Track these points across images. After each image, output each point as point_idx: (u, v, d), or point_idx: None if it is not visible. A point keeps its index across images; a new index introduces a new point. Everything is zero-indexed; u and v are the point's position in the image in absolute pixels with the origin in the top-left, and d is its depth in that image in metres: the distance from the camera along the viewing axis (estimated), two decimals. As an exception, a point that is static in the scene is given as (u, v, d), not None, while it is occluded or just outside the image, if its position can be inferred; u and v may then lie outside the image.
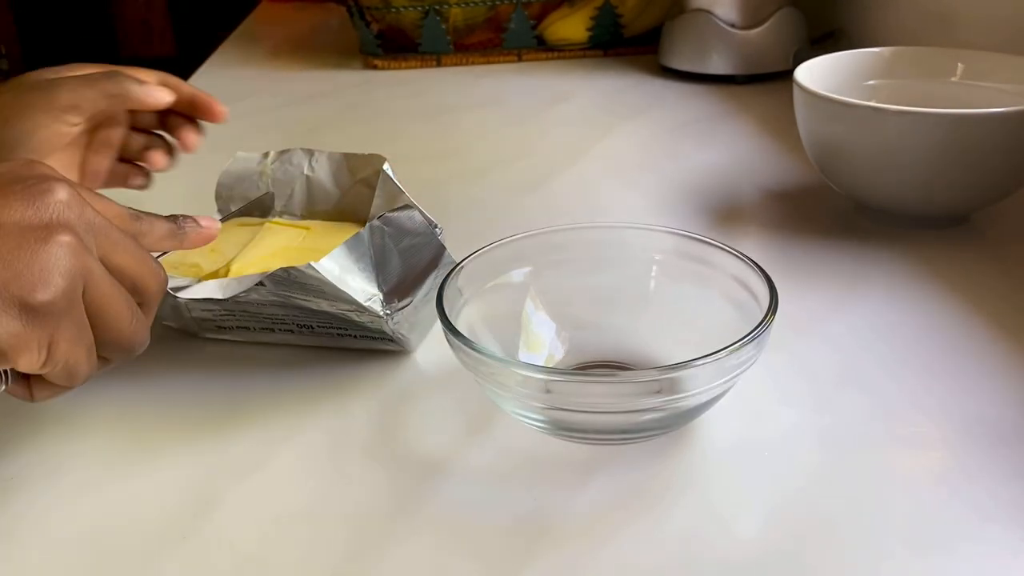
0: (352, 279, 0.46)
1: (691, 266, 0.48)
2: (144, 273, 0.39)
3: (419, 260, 0.48)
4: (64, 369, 0.36)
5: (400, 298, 0.48)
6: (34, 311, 0.34)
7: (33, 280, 0.34)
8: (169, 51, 3.78)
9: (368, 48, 1.17)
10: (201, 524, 0.40)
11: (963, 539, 0.37)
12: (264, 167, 0.61)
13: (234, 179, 0.61)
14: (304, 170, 0.60)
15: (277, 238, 0.56)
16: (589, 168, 0.79)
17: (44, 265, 0.34)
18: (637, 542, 0.38)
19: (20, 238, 0.34)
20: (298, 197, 0.60)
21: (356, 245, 0.46)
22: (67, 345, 0.35)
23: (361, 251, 0.46)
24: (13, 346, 0.34)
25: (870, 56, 0.70)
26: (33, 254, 0.34)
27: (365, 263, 0.47)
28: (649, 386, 0.39)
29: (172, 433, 0.46)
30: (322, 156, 0.60)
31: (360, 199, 0.59)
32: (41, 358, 0.35)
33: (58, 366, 0.36)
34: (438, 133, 0.91)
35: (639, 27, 1.15)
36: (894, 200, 0.62)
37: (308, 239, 0.56)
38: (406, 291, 0.48)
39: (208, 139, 0.64)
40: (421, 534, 0.39)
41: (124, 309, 0.38)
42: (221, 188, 0.61)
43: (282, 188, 0.60)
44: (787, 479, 0.41)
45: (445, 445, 0.44)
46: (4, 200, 0.35)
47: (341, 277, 0.45)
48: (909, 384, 0.47)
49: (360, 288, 0.46)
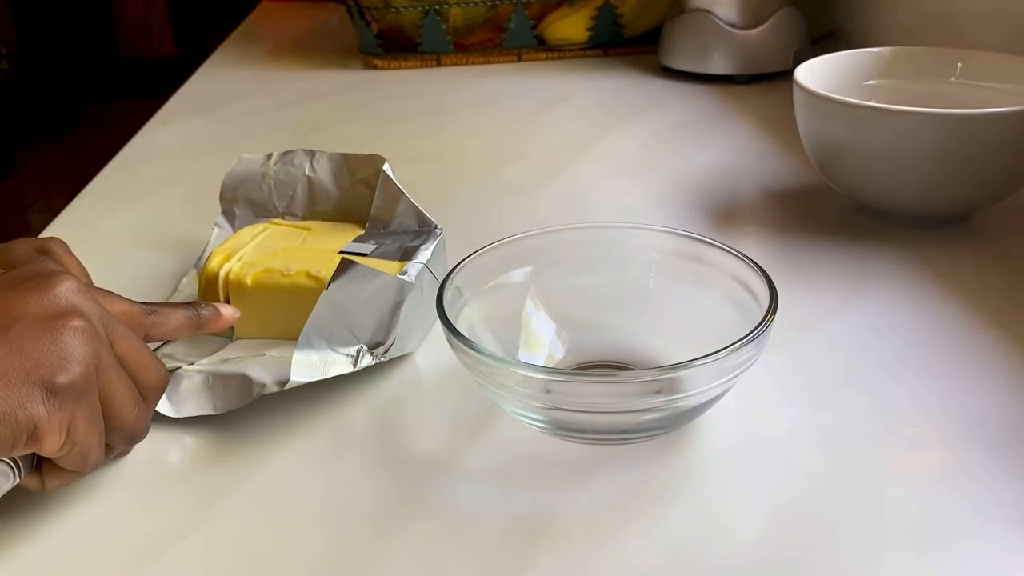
0: (333, 354, 0.46)
1: (691, 266, 0.48)
2: (146, 366, 0.41)
3: (385, 300, 0.48)
4: (79, 453, 0.37)
5: (383, 339, 0.49)
6: (56, 394, 0.35)
7: (54, 365, 0.36)
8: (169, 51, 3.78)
9: (368, 48, 1.17)
10: (202, 524, 0.40)
11: (963, 539, 0.37)
12: (267, 168, 0.61)
13: (238, 180, 0.61)
14: (306, 171, 0.61)
15: (278, 239, 0.56)
16: (589, 168, 0.79)
17: (63, 350, 0.36)
18: (637, 542, 0.38)
19: (38, 328, 0.36)
20: (300, 198, 0.61)
21: (318, 321, 0.45)
22: (85, 427, 0.37)
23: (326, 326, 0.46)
24: (41, 428, 0.35)
25: (870, 56, 0.70)
26: (52, 341, 0.36)
27: (336, 332, 0.47)
28: (649, 386, 0.39)
29: (171, 433, 0.46)
30: (323, 157, 0.61)
31: (360, 199, 0.59)
32: (61, 439, 0.36)
33: (75, 449, 0.37)
34: (438, 133, 0.91)
35: (639, 27, 1.15)
36: (894, 200, 0.62)
37: (308, 239, 0.56)
38: (386, 331, 0.49)
39: (208, 140, 0.64)
40: (421, 534, 0.39)
41: (129, 396, 0.39)
42: (225, 189, 0.61)
43: (284, 189, 0.61)
44: (787, 479, 0.41)
45: (445, 445, 0.44)
46: (21, 297, 0.37)
47: (324, 360, 0.46)
48: (909, 384, 0.47)
49: (345, 355, 0.47)
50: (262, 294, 0.52)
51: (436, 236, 0.55)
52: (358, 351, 0.47)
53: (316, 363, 0.45)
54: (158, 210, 0.74)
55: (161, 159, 0.88)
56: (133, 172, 0.84)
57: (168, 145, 0.91)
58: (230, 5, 2.17)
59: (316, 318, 0.45)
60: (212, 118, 0.99)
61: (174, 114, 1.02)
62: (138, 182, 0.81)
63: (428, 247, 0.54)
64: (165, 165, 0.86)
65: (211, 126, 0.97)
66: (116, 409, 0.39)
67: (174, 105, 1.05)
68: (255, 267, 0.52)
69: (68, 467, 0.38)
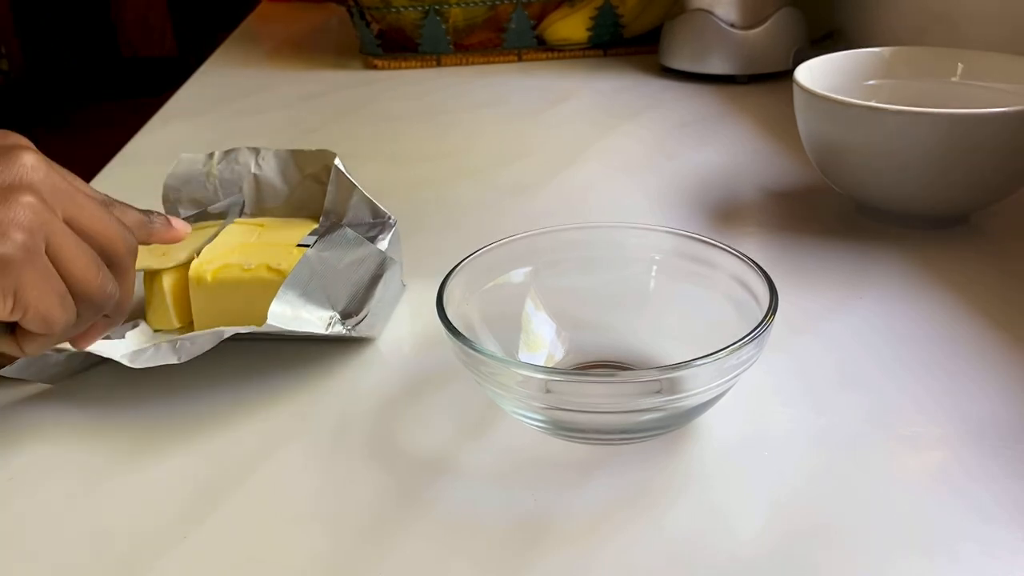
0: (307, 312, 0.47)
1: (691, 266, 0.48)
2: (111, 236, 0.42)
3: (364, 272, 0.49)
4: (37, 316, 0.39)
5: (356, 311, 0.49)
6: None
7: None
8: (169, 51, 3.79)
9: (368, 48, 1.17)
10: (201, 524, 0.40)
11: (963, 539, 0.37)
12: (210, 167, 0.61)
13: (180, 181, 0.61)
14: (251, 168, 0.61)
15: (233, 235, 0.56)
16: (589, 168, 0.79)
17: (3, 221, 0.37)
18: (637, 542, 0.38)
19: None
20: (247, 195, 0.61)
21: (299, 279, 0.47)
22: (35, 292, 0.38)
23: (305, 282, 0.48)
24: None
25: (870, 56, 0.70)
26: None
27: (313, 292, 0.48)
28: (649, 386, 0.39)
29: (171, 433, 0.46)
30: (268, 154, 0.61)
31: (310, 195, 0.59)
32: (9, 305, 0.38)
33: (29, 312, 0.38)
34: (438, 133, 0.91)
35: (639, 27, 1.15)
36: (894, 200, 0.62)
37: (264, 235, 0.56)
38: (360, 304, 0.50)
39: (208, 140, 0.64)
40: (421, 534, 0.39)
41: (90, 262, 0.40)
42: (168, 191, 0.61)
43: (230, 187, 0.61)
44: (787, 479, 0.41)
45: (445, 445, 0.44)
46: None
47: (296, 315, 0.47)
48: (909, 384, 0.47)
49: (317, 317, 0.48)
50: (223, 289, 0.52)
51: (391, 226, 0.56)
52: (331, 317, 0.48)
53: (290, 316, 0.47)
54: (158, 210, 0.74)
55: (161, 159, 0.87)
56: (133, 172, 0.84)
57: (168, 145, 0.91)
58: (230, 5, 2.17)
59: (296, 275, 0.47)
60: (212, 118, 0.99)
61: (174, 114, 1.02)
62: (138, 182, 0.81)
63: (384, 237, 0.55)
64: (165, 165, 0.85)
65: (211, 126, 0.97)
66: (77, 274, 0.40)
67: (174, 105, 1.05)
68: (213, 263, 0.52)
69: (34, 330, 0.39)
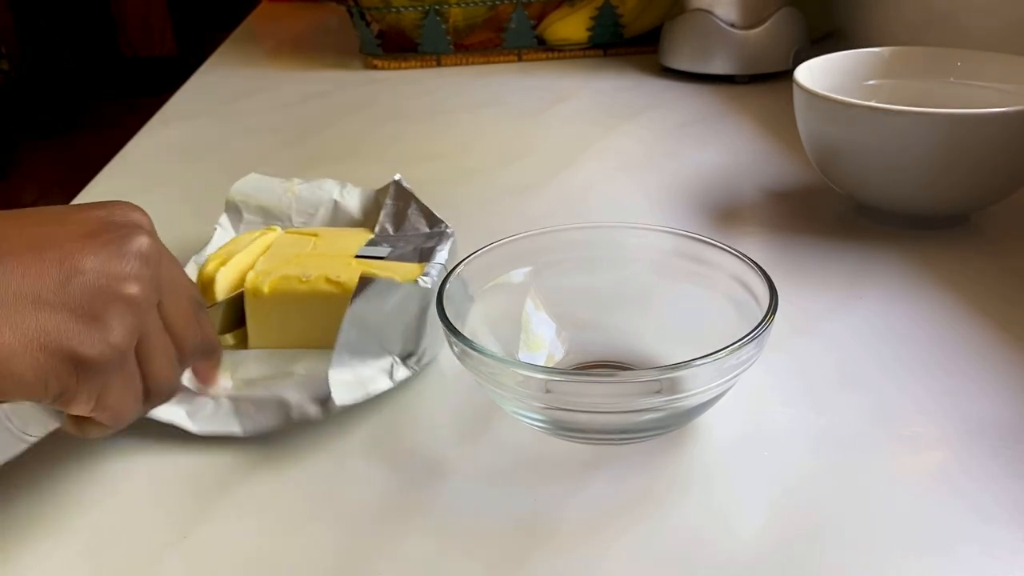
0: (367, 369, 0.46)
1: (691, 266, 0.48)
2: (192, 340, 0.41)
3: (409, 310, 0.47)
4: (112, 415, 0.37)
5: (414, 348, 0.48)
6: (85, 365, 0.35)
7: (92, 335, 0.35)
8: (169, 51, 3.79)
9: (368, 48, 1.17)
10: (201, 524, 0.40)
11: (963, 539, 0.37)
12: (290, 185, 0.62)
13: (253, 187, 0.62)
14: (334, 196, 0.62)
15: (288, 246, 0.55)
16: (589, 168, 0.79)
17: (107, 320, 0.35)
18: (637, 542, 0.38)
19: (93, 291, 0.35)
20: (321, 217, 0.62)
21: (348, 340, 0.45)
22: (117, 394, 0.37)
23: (356, 341, 0.45)
24: (68, 395, 0.35)
25: (870, 56, 0.70)
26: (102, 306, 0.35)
27: (368, 348, 0.46)
28: (649, 386, 0.39)
29: (171, 433, 0.46)
30: (354, 189, 0.63)
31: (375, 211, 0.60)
32: (91, 405, 0.36)
33: (106, 412, 0.37)
34: (438, 133, 0.91)
35: (639, 27, 1.15)
36: (894, 200, 0.62)
37: (319, 245, 0.55)
38: (415, 341, 0.48)
39: (208, 140, 0.64)
40: (421, 534, 0.39)
41: (168, 363, 0.39)
42: (236, 192, 0.62)
43: (307, 206, 0.62)
44: (787, 479, 0.41)
45: (445, 445, 0.44)
46: (92, 245, 0.36)
47: (359, 377, 0.45)
48: (909, 384, 0.47)
49: (379, 369, 0.46)
50: (280, 302, 0.51)
51: (449, 236, 0.56)
52: (391, 364, 0.47)
53: (353, 383, 0.45)
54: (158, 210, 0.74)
55: (161, 159, 0.88)
56: (133, 172, 0.84)
57: (168, 145, 0.91)
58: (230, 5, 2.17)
59: (346, 337, 0.44)
60: (212, 118, 0.99)
61: (174, 114, 1.02)
62: (138, 182, 0.81)
63: (443, 247, 0.54)
64: (165, 165, 0.86)
65: (211, 126, 0.97)
66: (156, 375, 0.39)
67: (174, 105, 1.05)
68: (271, 275, 0.51)
69: (104, 423, 0.38)
